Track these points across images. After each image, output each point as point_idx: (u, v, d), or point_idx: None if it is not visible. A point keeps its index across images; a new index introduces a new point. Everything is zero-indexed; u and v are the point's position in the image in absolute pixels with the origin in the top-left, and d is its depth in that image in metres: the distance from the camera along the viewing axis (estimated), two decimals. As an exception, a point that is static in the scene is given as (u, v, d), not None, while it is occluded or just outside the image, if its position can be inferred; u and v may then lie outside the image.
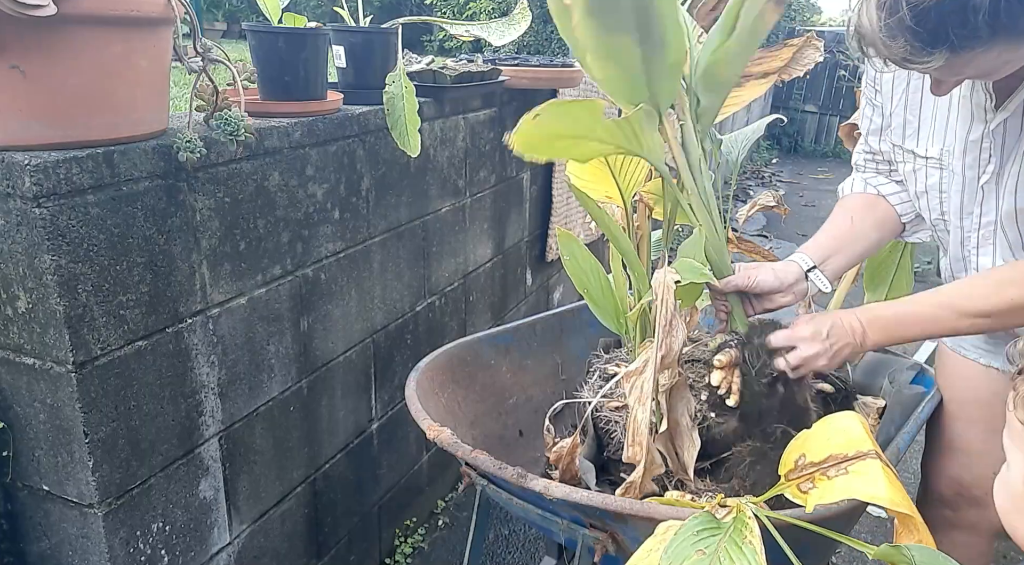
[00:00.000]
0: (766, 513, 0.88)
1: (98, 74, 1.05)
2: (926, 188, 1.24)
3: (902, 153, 1.26)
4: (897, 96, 1.24)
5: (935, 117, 1.19)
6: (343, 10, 1.72)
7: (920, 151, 1.22)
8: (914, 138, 1.23)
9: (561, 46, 5.44)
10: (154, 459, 1.29)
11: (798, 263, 1.28)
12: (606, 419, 1.41)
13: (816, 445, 0.95)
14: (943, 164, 1.20)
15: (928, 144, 1.21)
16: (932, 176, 1.22)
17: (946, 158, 1.18)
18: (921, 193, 1.26)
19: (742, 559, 0.78)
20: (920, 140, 1.22)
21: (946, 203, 1.22)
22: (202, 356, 1.35)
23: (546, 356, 1.68)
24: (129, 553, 1.26)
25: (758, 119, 1.96)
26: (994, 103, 1.10)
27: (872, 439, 0.92)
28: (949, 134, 1.17)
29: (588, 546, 1.15)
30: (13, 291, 1.11)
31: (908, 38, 0.88)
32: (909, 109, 1.23)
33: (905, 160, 1.26)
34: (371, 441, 1.96)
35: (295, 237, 1.55)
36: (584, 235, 2.95)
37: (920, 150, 1.22)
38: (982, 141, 1.13)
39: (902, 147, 1.26)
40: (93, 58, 1.04)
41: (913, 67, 0.93)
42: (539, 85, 2.43)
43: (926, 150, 1.21)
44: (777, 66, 1.49)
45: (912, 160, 1.24)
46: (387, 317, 1.93)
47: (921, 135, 1.22)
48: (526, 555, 2.20)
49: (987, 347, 1.32)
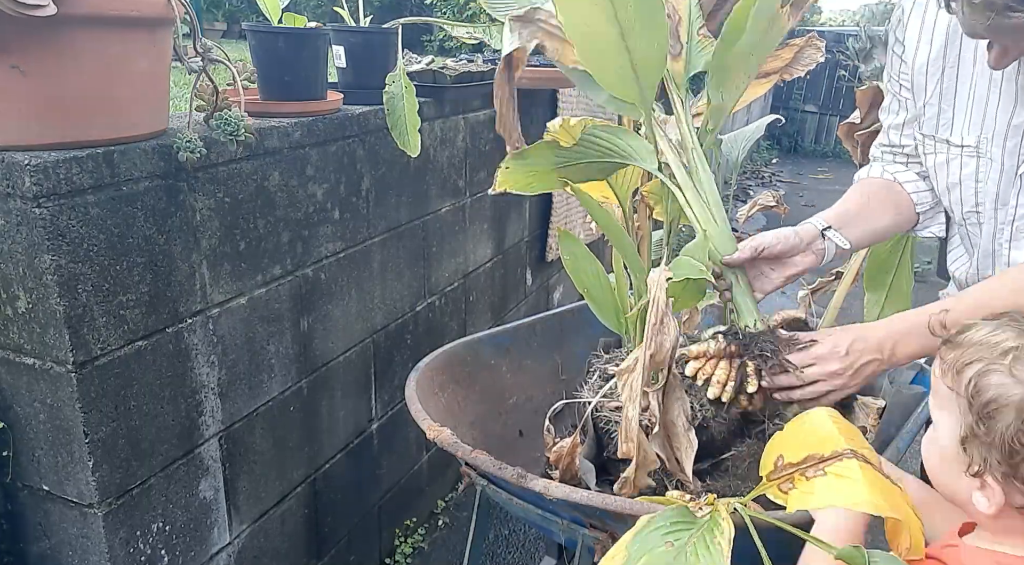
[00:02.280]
0: (751, 513, 0.88)
1: (98, 74, 1.05)
2: (960, 179, 1.20)
3: (934, 144, 1.22)
4: (931, 87, 1.21)
5: (973, 104, 1.16)
6: (343, 10, 1.72)
7: (955, 140, 1.18)
8: (948, 127, 1.19)
9: (561, 46, 5.44)
10: (154, 459, 1.29)
11: (813, 223, 1.22)
12: (606, 419, 1.41)
13: (792, 445, 0.94)
14: (980, 152, 1.16)
15: (964, 132, 1.17)
16: (968, 165, 1.18)
17: (984, 145, 1.15)
18: (953, 185, 1.21)
19: (707, 557, 0.78)
20: (955, 128, 1.18)
21: (981, 193, 1.18)
22: (202, 356, 1.35)
23: (546, 356, 1.68)
24: (129, 553, 1.26)
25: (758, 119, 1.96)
26: None
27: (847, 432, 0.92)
28: (988, 120, 1.14)
29: (588, 546, 1.14)
30: (13, 291, 1.11)
31: None
32: (944, 98, 1.19)
33: (937, 151, 1.22)
34: (371, 441, 1.96)
35: (295, 237, 1.55)
36: (584, 235, 2.95)
37: (955, 139, 1.18)
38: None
39: (934, 137, 1.22)
40: (93, 58, 1.04)
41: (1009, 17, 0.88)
42: (539, 85, 2.43)
43: (962, 138, 1.17)
44: (778, 66, 1.49)
45: (946, 150, 1.20)
46: (387, 317, 1.93)
47: (957, 123, 1.18)
48: (526, 555, 2.20)
49: None
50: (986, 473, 0.79)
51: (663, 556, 0.79)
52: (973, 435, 0.79)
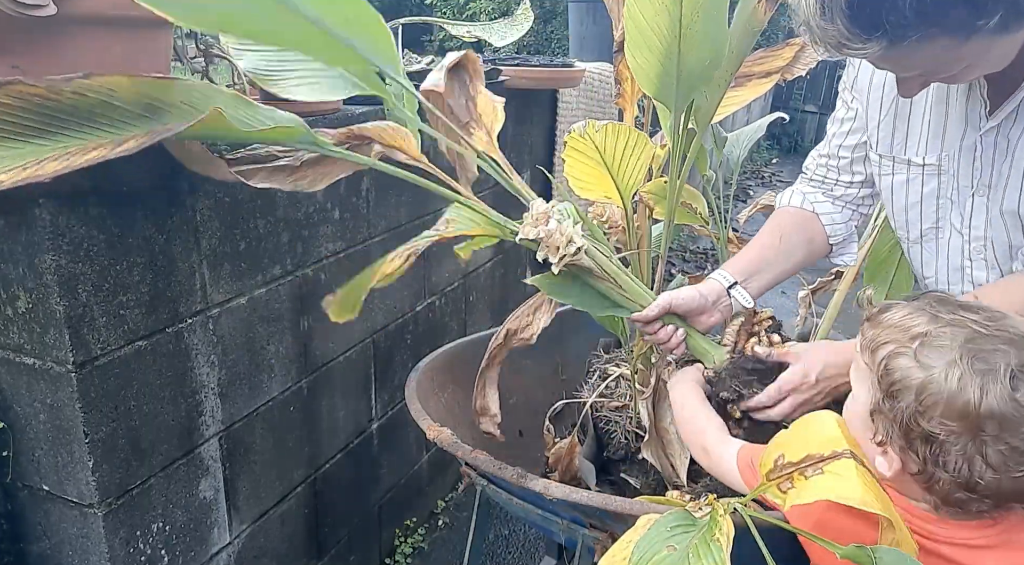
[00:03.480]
0: (751, 512, 0.88)
1: (98, 74, 1.05)
2: (920, 198, 1.20)
3: (892, 164, 1.22)
4: (885, 106, 1.21)
5: (930, 122, 1.16)
6: (343, 10, 1.72)
7: (917, 159, 1.18)
8: (903, 146, 1.20)
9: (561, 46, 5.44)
10: (154, 459, 1.29)
11: (718, 280, 1.24)
12: (606, 419, 1.41)
13: (794, 445, 0.95)
14: (942, 169, 1.17)
15: (924, 151, 1.18)
16: (929, 184, 1.19)
17: (945, 163, 1.16)
18: (913, 204, 1.22)
19: (708, 556, 0.79)
20: (913, 148, 1.19)
21: (944, 210, 1.19)
22: (202, 356, 1.35)
23: (546, 356, 1.68)
24: (129, 553, 1.26)
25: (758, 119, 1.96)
26: (987, 109, 1.08)
27: (849, 437, 0.93)
28: (947, 139, 1.15)
29: (588, 546, 1.15)
30: (13, 291, 1.11)
31: (844, 23, 0.86)
32: (899, 117, 1.20)
33: (896, 171, 1.22)
34: (371, 441, 1.96)
35: (295, 237, 1.55)
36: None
37: (917, 158, 1.18)
38: (975, 148, 1.11)
39: (892, 157, 1.22)
40: (93, 58, 1.04)
41: (851, 53, 0.90)
42: (539, 85, 2.43)
43: (923, 158, 1.18)
44: (779, 65, 1.49)
45: (905, 170, 1.21)
46: (387, 317, 1.93)
47: (912, 143, 1.19)
48: (526, 555, 2.20)
49: None
50: (888, 444, 0.87)
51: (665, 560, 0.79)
52: (879, 410, 0.87)
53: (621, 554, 0.82)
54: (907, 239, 1.28)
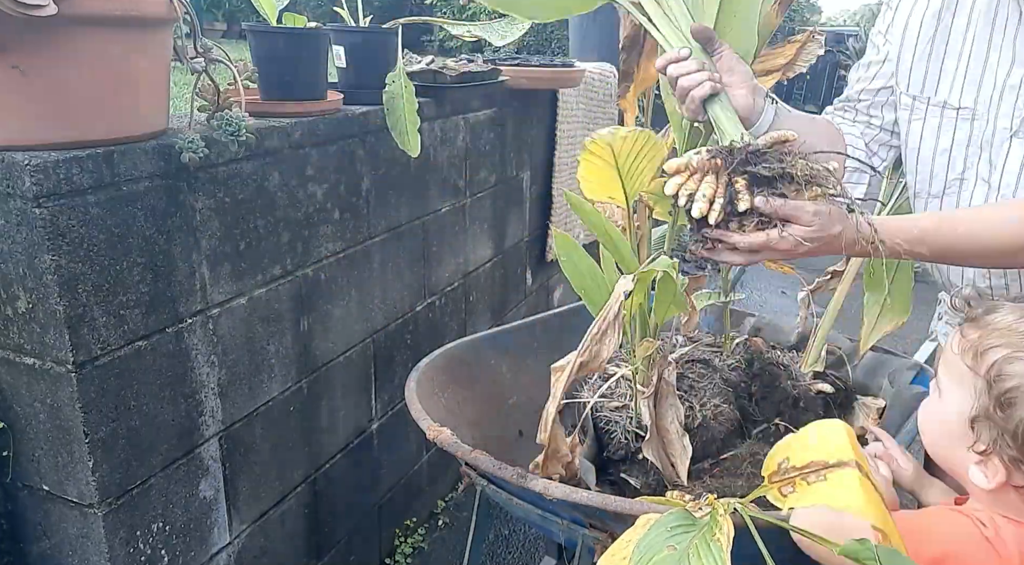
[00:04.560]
0: (751, 513, 0.88)
1: (98, 74, 1.05)
2: (951, 144, 1.15)
3: (925, 108, 1.17)
4: (921, 45, 1.16)
5: (969, 63, 1.12)
6: (343, 10, 1.72)
7: (952, 101, 1.14)
8: (940, 87, 1.15)
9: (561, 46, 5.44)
10: (154, 459, 1.29)
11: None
12: (606, 419, 1.41)
13: (800, 450, 0.94)
14: (976, 114, 1.12)
15: (960, 93, 1.13)
16: (962, 128, 1.14)
17: (981, 107, 1.11)
18: (942, 152, 1.16)
19: (708, 556, 0.78)
20: (951, 89, 1.14)
21: (971, 158, 1.14)
22: (202, 356, 1.35)
23: (546, 356, 1.68)
24: (129, 553, 1.26)
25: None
26: None
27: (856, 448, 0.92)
28: (987, 80, 1.10)
29: (588, 546, 1.15)
30: (13, 291, 1.11)
31: None
32: (933, 57, 1.15)
33: (928, 115, 1.17)
34: (371, 441, 1.96)
35: (295, 237, 1.55)
36: (584, 235, 2.95)
37: (952, 100, 1.14)
38: (1020, 86, 1.06)
39: (925, 100, 1.17)
40: (93, 58, 1.04)
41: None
42: (539, 85, 2.43)
43: (959, 100, 1.13)
44: (781, 63, 1.50)
45: (939, 113, 1.15)
46: (387, 317, 1.93)
47: (951, 83, 1.14)
48: (526, 555, 2.20)
49: None
50: (993, 453, 0.81)
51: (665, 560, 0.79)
52: (987, 417, 0.81)
53: (621, 554, 0.82)
54: (927, 194, 1.22)
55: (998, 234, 1.00)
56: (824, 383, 1.56)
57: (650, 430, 1.29)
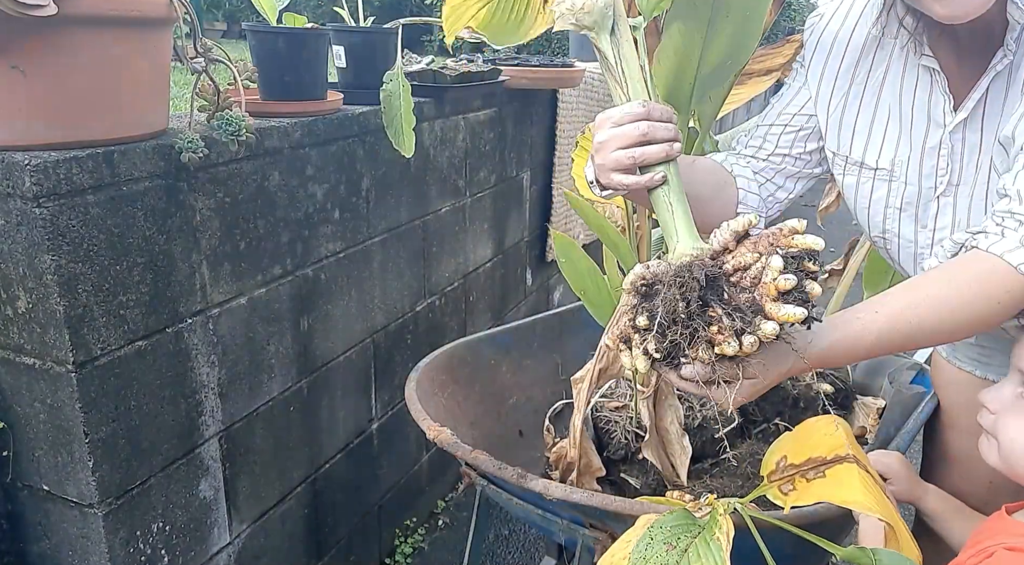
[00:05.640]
0: (751, 513, 0.88)
1: (98, 74, 1.05)
2: (869, 203, 1.14)
3: (844, 164, 1.15)
4: (835, 100, 1.14)
5: (887, 123, 1.10)
6: (343, 10, 1.72)
7: (869, 161, 1.12)
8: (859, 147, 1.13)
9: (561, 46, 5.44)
10: (154, 459, 1.29)
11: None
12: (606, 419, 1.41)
13: (797, 447, 0.95)
14: (894, 176, 1.10)
15: (877, 153, 1.11)
16: (879, 189, 1.12)
17: (898, 169, 1.09)
18: (863, 208, 1.15)
19: (708, 556, 0.78)
20: (868, 149, 1.12)
21: (891, 219, 1.12)
22: (202, 356, 1.36)
23: (546, 356, 1.68)
24: (129, 553, 1.26)
25: (757, 116, 1.96)
26: (952, 104, 1.03)
27: (852, 443, 0.92)
28: (903, 141, 1.08)
29: (588, 546, 1.15)
30: (13, 291, 1.11)
31: None
32: (847, 113, 1.13)
33: (847, 172, 1.15)
34: (371, 441, 1.96)
35: (295, 237, 1.55)
36: (584, 235, 2.95)
37: (869, 160, 1.12)
38: (940, 147, 1.05)
39: (844, 157, 1.15)
40: (93, 58, 1.04)
41: None
42: (539, 85, 2.43)
43: (876, 161, 1.11)
44: (780, 62, 1.50)
45: (857, 172, 1.14)
46: (387, 317, 1.93)
47: (869, 143, 1.12)
48: (526, 555, 2.20)
49: (982, 359, 1.26)
50: None
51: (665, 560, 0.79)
52: None
53: (621, 554, 0.82)
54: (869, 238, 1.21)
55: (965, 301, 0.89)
56: (824, 383, 1.56)
57: (650, 430, 1.29)
